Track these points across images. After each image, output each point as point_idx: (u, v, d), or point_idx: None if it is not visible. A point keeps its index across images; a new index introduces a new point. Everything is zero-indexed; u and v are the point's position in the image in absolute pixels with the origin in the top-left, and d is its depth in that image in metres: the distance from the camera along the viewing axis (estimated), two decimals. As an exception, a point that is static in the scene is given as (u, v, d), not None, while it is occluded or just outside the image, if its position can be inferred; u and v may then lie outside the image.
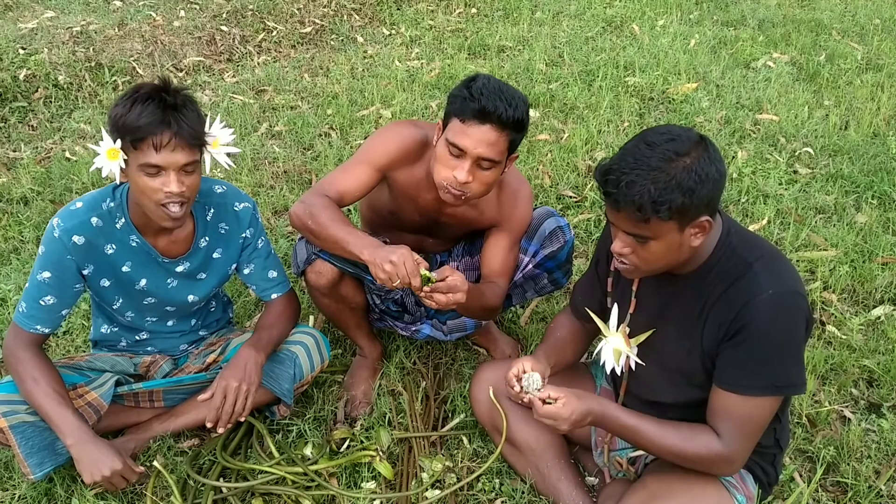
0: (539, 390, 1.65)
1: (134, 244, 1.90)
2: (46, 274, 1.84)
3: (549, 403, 1.62)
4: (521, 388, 1.67)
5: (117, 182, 1.81)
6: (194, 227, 1.97)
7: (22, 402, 1.84)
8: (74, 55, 4.16)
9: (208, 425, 1.93)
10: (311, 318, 2.57)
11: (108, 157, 1.73)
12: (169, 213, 1.77)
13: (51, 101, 3.89)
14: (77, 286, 1.89)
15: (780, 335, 1.50)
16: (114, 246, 1.88)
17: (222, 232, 2.01)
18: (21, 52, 4.06)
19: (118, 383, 2.02)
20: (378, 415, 2.23)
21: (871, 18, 5.26)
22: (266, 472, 1.99)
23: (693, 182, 1.43)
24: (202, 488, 1.98)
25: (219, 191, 2.00)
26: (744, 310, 1.51)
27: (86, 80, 4.05)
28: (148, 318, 2.08)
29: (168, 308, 2.07)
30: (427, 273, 1.77)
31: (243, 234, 2.03)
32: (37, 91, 3.91)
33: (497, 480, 2.02)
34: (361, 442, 2.12)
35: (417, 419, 2.22)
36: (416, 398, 2.28)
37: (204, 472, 2.03)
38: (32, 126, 3.76)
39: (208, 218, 1.99)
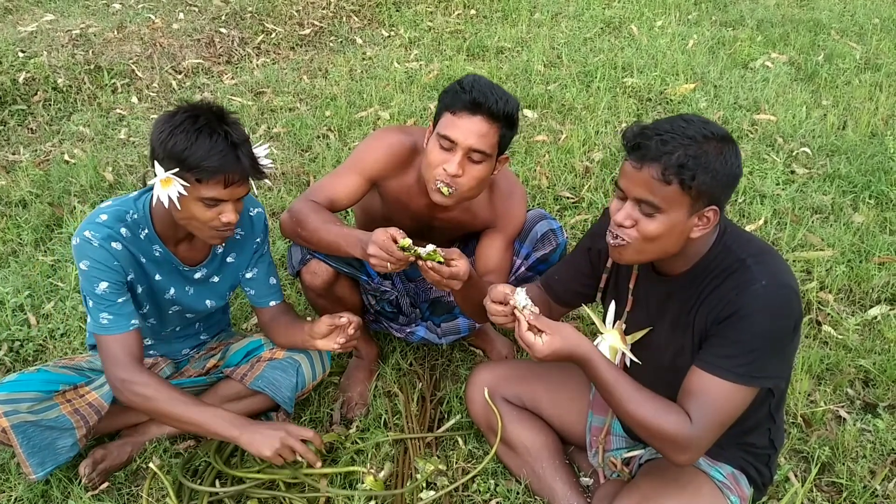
0: (531, 311, 1.57)
1: (157, 254, 1.90)
2: (104, 285, 1.80)
3: (535, 332, 1.56)
4: (514, 303, 1.59)
5: (166, 205, 1.72)
6: None
7: (23, 400, 1.83)
8: (73, 58, 4.17)
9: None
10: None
11: (162, 185, 1.68)
12: (223, 236, 1.80)
13: (50, 104, 3.90)
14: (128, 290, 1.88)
15: (766, 326, 1.49)
16: (143, 256, 1.88)
17: (237, 237, 2.02)
18: (20, 55, 4.07)
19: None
20: (374, 416, 2.24)
21: (870, 18, 5.26)
22: (259, 478, 1.99)
23: (719, 165, 1.46)
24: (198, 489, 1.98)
25: None
26: (735, 298, 1.52)
27: (85, 83, 4.06)
28: (170, 328, 2.09)
29: (188, 315, 2.08)
30: (416, 249, 1.73)
31: (257, 239, 2.04)
32: (36, 94, 3.93)
33: (492, 481, 2.02)
34: (355, 443, 2.13)
35: (413, 420, 2.22)
36: (412, 399, 2.28)
37: (200, 474, 2.03)
38: (31, 129, 3.77)
39: None
